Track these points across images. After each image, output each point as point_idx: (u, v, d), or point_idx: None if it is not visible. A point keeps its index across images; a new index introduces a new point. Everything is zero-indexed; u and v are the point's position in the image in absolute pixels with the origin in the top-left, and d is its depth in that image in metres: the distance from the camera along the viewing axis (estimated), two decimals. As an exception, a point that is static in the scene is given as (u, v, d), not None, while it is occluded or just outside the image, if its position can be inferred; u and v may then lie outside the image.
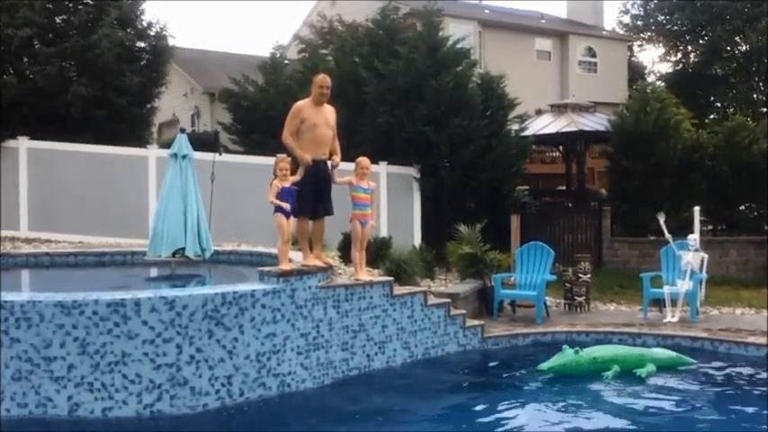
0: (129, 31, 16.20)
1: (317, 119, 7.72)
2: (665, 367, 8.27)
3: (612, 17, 56.12)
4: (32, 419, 6.12)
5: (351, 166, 8.39)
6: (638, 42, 35.73)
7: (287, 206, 7.47)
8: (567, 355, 7.99)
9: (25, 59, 15.46)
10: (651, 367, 8.06)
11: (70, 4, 16.24)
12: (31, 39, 15.20)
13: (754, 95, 32.78)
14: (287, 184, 7.51)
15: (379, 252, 11.14)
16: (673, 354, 8.51)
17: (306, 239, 7.95)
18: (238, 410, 6.63)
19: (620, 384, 7.73)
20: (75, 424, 6.14)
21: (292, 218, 7.70)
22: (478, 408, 7.08)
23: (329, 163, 7.92)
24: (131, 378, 6.32)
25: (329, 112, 7.95)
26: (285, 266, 7.35)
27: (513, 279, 11.46)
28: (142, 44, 17.15)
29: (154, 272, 9.85)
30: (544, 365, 7.98)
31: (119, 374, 6.29)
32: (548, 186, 21.72)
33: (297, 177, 7.63)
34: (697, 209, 12.24)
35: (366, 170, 8.19)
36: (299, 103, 7.89)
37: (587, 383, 7.74)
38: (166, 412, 6.40)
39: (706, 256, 11.26)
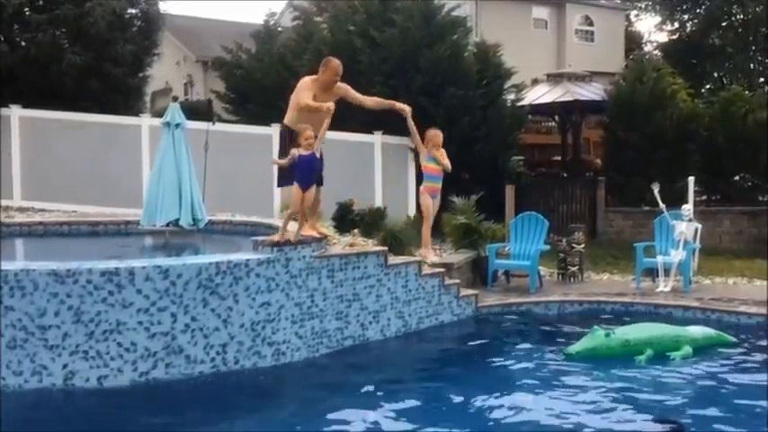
0: (120, -2, 16.00)
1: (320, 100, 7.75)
2: (702, 347, 7.64)
3: (610, -14, 55.58)
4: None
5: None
6: (635, 12, 35.46)
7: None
8: (597, 338, 7.44)
9: (16, 27, 15.25)
10: (687, 350, 7.45)
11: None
12: (22, 6, 14.98)
13: (751, 65, 32.63)
14: (306, 153, 7.22)
15: (373, 222, 11.14)
16: (711, 332, 7.93)
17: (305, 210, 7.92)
18: (233, 378, 6.68)
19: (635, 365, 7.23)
20: (71, 392, 6.18)
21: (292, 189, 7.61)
22: (473, 377, 7.14)
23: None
24: (126, 346, 6.34)
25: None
26: (279, 236, 7.32)
27: (507, 249, 11.49)
28: (133, 10, 16.92)
29: (148, 241, 9.85)
30: (572, 349, 7.45)
31: (114, 343, 6.31)
32: (543, 157, 21.68)
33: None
34: (691, 179, 12.26)
35: (434, 142, 7.85)
36: (307, 80, 7.97)
37: (594, 362, 7.27)
38: (162, 380, 6.44)
39: (699, 226, 11.29)
